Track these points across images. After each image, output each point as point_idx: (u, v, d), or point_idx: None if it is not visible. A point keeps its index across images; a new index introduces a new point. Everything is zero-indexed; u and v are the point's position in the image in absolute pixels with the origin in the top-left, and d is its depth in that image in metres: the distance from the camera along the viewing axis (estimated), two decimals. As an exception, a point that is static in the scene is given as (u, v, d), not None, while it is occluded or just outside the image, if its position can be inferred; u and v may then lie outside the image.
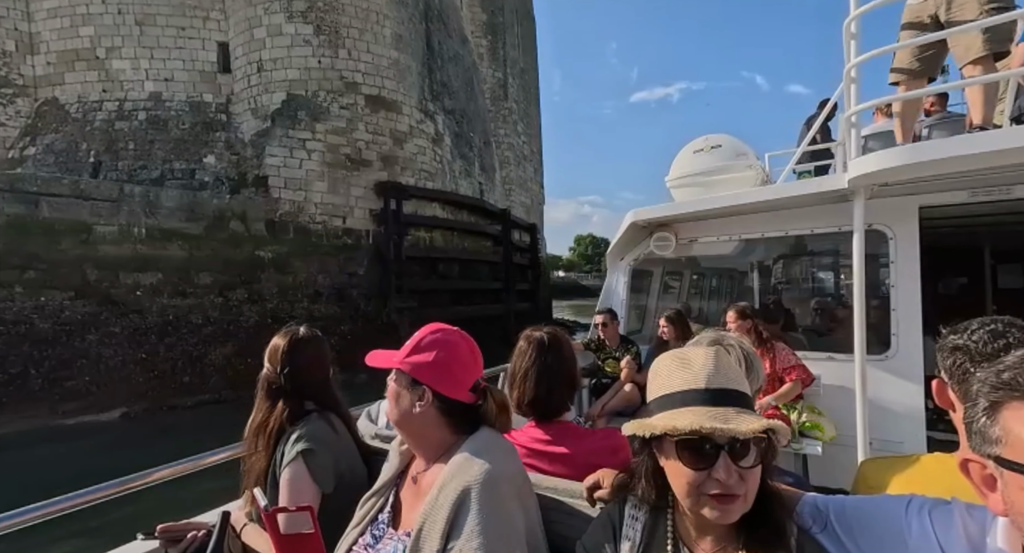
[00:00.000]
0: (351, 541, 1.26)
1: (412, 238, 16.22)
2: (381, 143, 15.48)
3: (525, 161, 26.37)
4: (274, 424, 1.58)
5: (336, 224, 14.46)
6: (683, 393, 0.88)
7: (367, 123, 15.20)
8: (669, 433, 0.84)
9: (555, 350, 1.62)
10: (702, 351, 0.93)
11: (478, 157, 21.20)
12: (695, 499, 0.83)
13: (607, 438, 1.55)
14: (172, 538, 1.47)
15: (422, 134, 16.86)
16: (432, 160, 17.30)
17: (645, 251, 4.67)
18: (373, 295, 14.80)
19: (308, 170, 14.11)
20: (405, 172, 16.13)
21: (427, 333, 1.27)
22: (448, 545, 1.06)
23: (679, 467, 0.84)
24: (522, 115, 26.03)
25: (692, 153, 4.56)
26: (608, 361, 4.28)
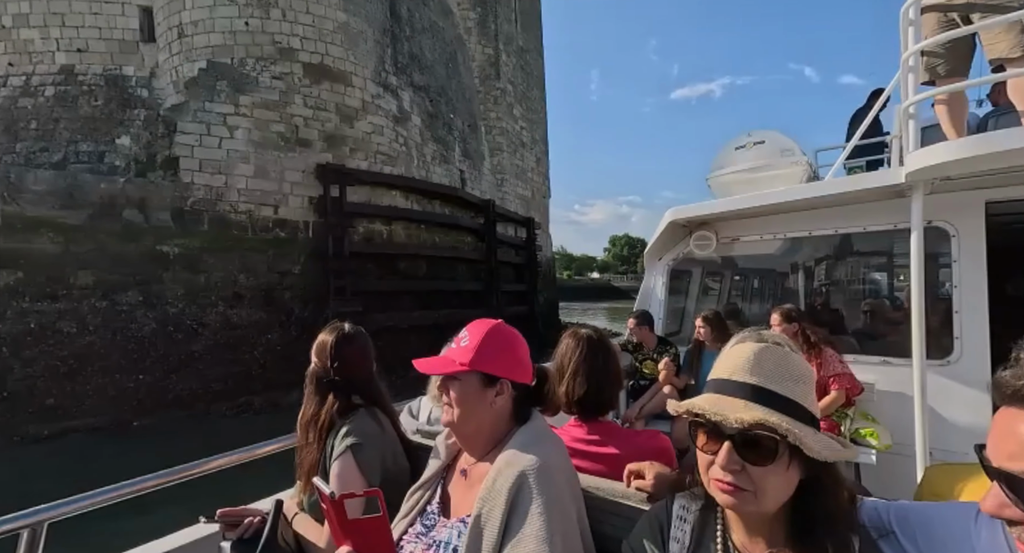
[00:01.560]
0: (401, 531, 1.28)
1: (364, 231, 13.95)
2: (324, 120, 13.25)
3: (524, 149, 23.83)
4: (325, 418, 1.63)
5: (265, 214, 12.29)
6: (714, 380, 0.89)
7: (306, 96, 13.00)
8: (684, 414, 0.87)
9: (603, 348, 1.64)
10: (751, 346, 0.90)
11: (460, 141, 18.80)
12: (707, 481, 0.84)
13: (652, 439, 1.59)
14: (230, 522, 1.53)
15: (379, 111, 14.57)
16: (393, 141, 14.99)
17: (684, 251, 4.49)
18: (311, 298, 12.58)
19: (230, 150, 11.99)
20: (356, 154, 13.87)
21: (480, 331, 1.28)
22: (508, 527, 1.09)
23: (696, 449, 0.86)
24: (520, 98, 23.51)
25: (734, 150, 4.46)
26: (646, 363, 4.16)
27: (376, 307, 13.71)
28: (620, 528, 1.17)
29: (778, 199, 3.55)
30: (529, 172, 24.34)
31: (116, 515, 1.99)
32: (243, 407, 11.06)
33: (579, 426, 1.60)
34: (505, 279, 20.74)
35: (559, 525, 1.07)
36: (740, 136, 4.54)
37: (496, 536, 1.09)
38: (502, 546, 1.08)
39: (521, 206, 23.18)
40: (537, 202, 25.40)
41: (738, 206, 3.79)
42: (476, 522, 1.13)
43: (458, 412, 1.23)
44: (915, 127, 2.66)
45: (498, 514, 1.10)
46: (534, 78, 25.47)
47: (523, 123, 23.85)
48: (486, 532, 1.10)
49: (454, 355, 1.27)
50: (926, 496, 1.19)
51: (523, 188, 23.47)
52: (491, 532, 1.10)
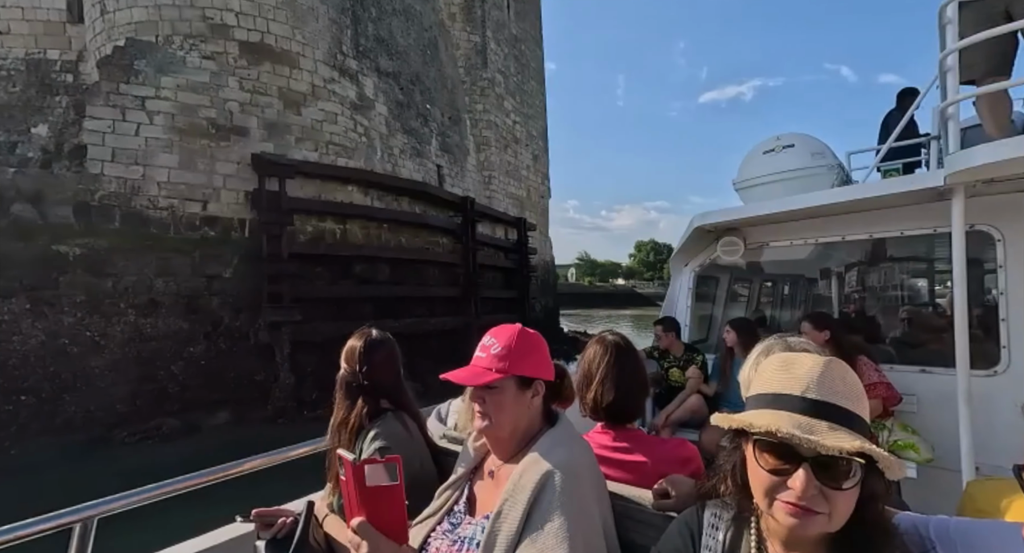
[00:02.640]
0: (429, 528, 1.32)
1: (313, 230, 12.42)
2: (264, 105, 11.80)
3: (518, 145, 22.14)
4: (355, 421, 1.68)
5: (191, 211, 10.85)
6: (776, 395, 0.84)
7: (243, 79, 11.56)
8: (747, 429, 0.82)
9: (630, 354, 1.65)
10: (811, 358, 0.86)
11: (437, 134, 17.22)
12: (768, 502, 0.81)
13: (678, 448, 1.57)
14: (265, 522, 1.57)
15: (333, 97, 13.08)
16: (350, 131, 13.47)
17: (711, 256, 4.35)
18: (245, 306, 11.08)
19: (149, 138, 10.59)
20: (302, 144, 12.37)
21: (508, 336, 1.30)
22: (528, 522, 1.11)
23: (755, 468, 0.82)
24: (513, 90, 21.86)
25: (762, 154, 4.39)
26: (672, 370, 4.03)
27: (324, 315, 12.15)
28: (648, 536, 1.20)
29: (810, 203, 3.45)
30: (524, 170, 22.63)
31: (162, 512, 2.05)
32: (151, 432, 9.55)
33: (605, 433, 1.60)
34: (492, 284, 19.02)
35: (580, 526, 1.09)
36: (768, 140, 4.42)
37: (516, 530, 1.12)
38: (520, 540, 1.11)
39: (513, 206, 21.48)
40: (534, 202, 23.65)
41: (767, 211, 3.66)
42: (498, 515, 1.17)
43: (498, 418, 1.25)
44: (955, 128, 2.66)
45: (520, 509, 1.13)
46: (530, 70, 23.81)
47: (516, 117, 22.18)
48: (506, 526, 1.14)
49: (485, 363, 1.27)
50: (968, 512, 1.13)
51: (516, 187, 21.77)
52: (511, 526, 1.13)
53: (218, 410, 10.62)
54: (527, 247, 20.37)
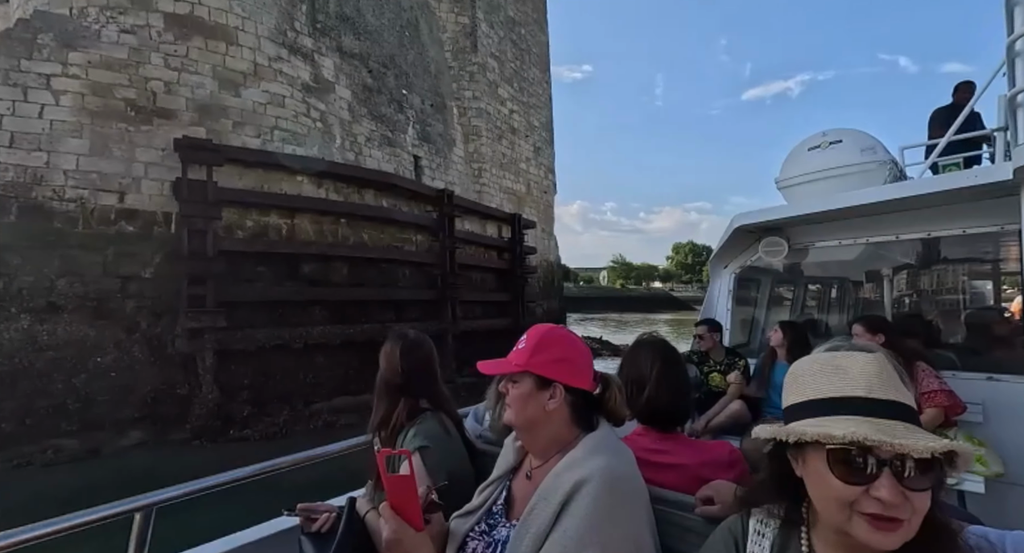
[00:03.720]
0: (468, 528, 1.32)
1: (254, 225, 11.09)
2: (195, 85, 10.52)
3: (515, 135, 20.48)
4: (396, 421, 1.69)
5: (106, 203, 9.63)
6: (836, 400, 0.78)
7: (169, 55, 10.31)
8: (822, 440, 0.75)
9: (678, 357, 1.64)
10: (860, 356, 0.82)
11: (416, 122, 15.74)
12: (845, 516, 0.74)
13: (721, 450, 1.54)
14: (309, 516, 1.65)
15: (280, 77, 11.74)
16: (302, 116, 12.11)
17: (752, 258, 4.24)
18: (167, 310, 9.80)
19: (54, 121, 9.42)
20: (241, 129, 11.06)
21: (536, 335, 1.30)
22: (556, 526, 1.08)
23: (828, 480, 0.75)
24: (509, 77, 20.23)
25: (806, 151, 4.27)
26: (712, 375, 3.94)
27: (265, 320, 10.78)
28: (689, 542, 1.19)
29: (862, 200, 3.29)
30: (522, 163, 20.96)
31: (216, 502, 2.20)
32: (36, 456, 8.31)
33: (646, 435, 1.58)
34: (481, 286, 17.41)
35: (611, 538, 1.06)
36: (814, 136, 4.30)
37: (542, 534, 1.10)
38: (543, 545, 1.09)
39: (509, 201, 19.82)
40: (535, 198, 21.93)
41: (814, 209, 3.50)
42: (526, 518, 1.16)
43: (514, 412, 1.26)
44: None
45: (549, 512, 1.11)
46: (532, 56, 22.14)
47: (514, 106, 20.54)
48: (533, 527, 1.12)
49: (513, 357, 1.29)
50: None
51: (512, 180, 20.11)
52: (538, 530, 1.11)
53: (129, 429, 9.34)
54: (523, 245, 18.68)
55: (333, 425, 10.77)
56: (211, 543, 1.88)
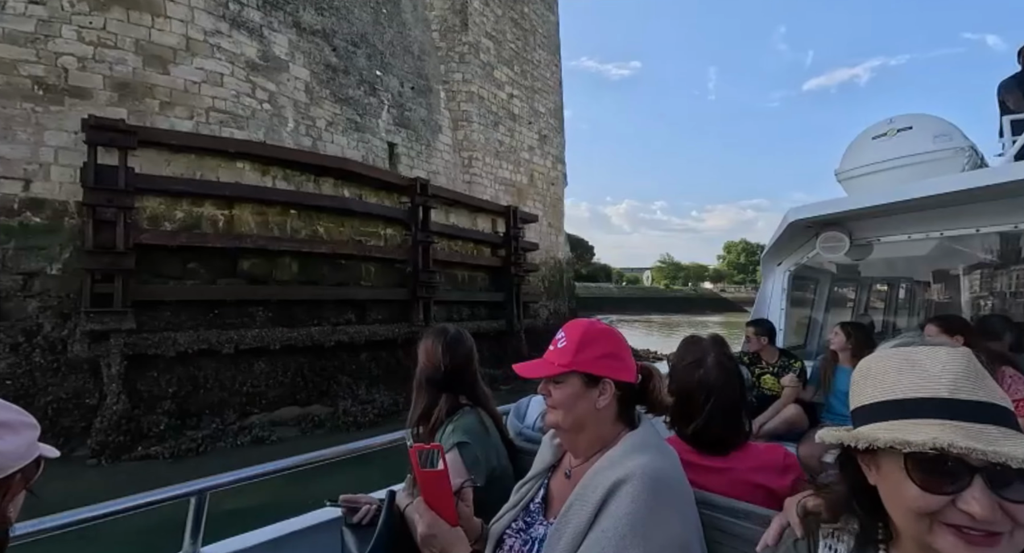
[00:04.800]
0: (505, 524, 1.30)
1: (184, 216, 10.01)
2: (115, 61, 9.51)
3: (515, 122, 18.90)
4: (437, 415, 1.70)
5: (9, 191, 8.72)
6: (915, 401, 0.69)
7: (83, 28, 9.33)
8: (898, 447, 0.66)
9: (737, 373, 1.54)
10: (942, 351, 0.72)
11: (392, 106, 14.43)
12: (925, 527, 0.66)
13: (772, 454, 1.46)
14: (351, 507, 1.74)
15: (218, 54, 10.63)
16: (246, 96, 10.98)
17: (809, 254, 4.00)
18: (75, 311, 8.81)
19: (-51, 102, 8.57)
20: (170, 110, 10.00)
21: (576, 331, 1.25)
22: (594, 525, 1.05)
23: (905, 487, 0.67)
24: (508, 59, 18.66)
25: (871, 140, 4.09)
26: (764, 377, 3.74)
27: (196, 322, 9.68)
28: (737, 550, 1.15)
29: (938, 190, 3.01)
30: (524, 152, 19.35)
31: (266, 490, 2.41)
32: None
33: None
34: (469, 285, 15.95)
35: (652, 540, 1.01)
36: (879, 123, 4.11)
37: (579, 533, 1.07)
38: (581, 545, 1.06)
39: (507, 193, 18.28)
40: (540, 190, 20.29)
41: (881, 201, 3.29)
42: (564, 517, 1.12)
43: (561, 414, 1.22)
44: None
45: (587, 511, 1.08)
46: (537, 37, 20.49)
47: (514, 90, 18.95)
48: (571, 526, 1.09)
49: (553, 357, 1.24)
50: None
51: (511, 171, 18.55)
52: (575, 529, 1.08)
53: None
54: (519, 241, 17.11)
55: (263, 441, 9.57)
56: (260, 530, 1.95)
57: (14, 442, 0.76)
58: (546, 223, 20.42)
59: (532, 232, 19.40)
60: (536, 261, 19.51)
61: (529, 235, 19.20)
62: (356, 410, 10.90)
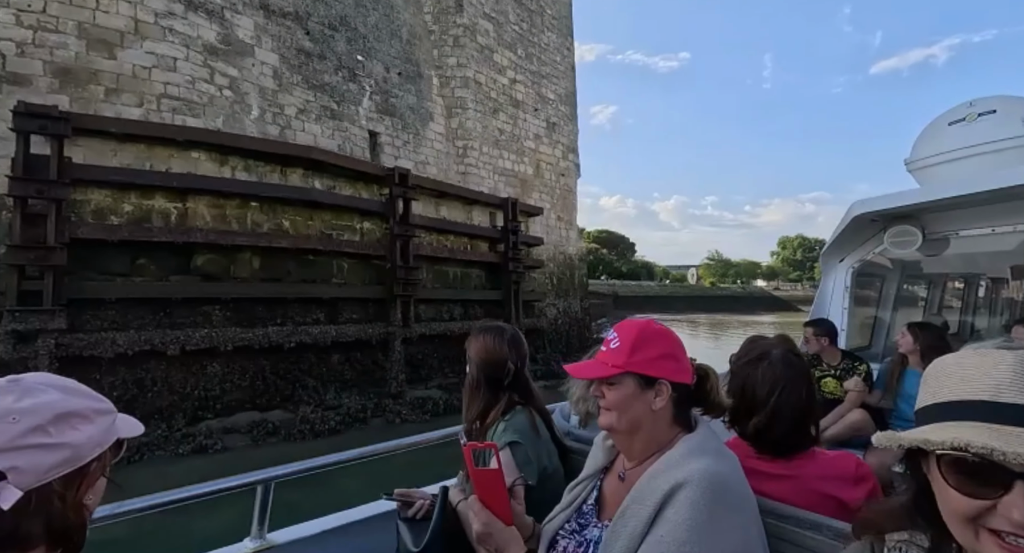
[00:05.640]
0: (558, 525, 1.29)
1: (133, 209, 9.48)
2: (56, 46, 9.02)
3: (518, 109, 17.80)
4: (495, 414, 1.70)
5: (-60, 183, 8.35)
6: (958, 404, 0.69)
7: (23, 12, 8.86)
8: (923, 446, 0.67)
9: (806, 373, 1.46)
10: (993, 354, 0.70)
11: (375, 93, 13.62)
12: (971, 534, 0.66)
13: (844, 462, 1.37)
14: (405, 501, 1.75)
15: (171, 37, 10.03)
16: (200, 82, 10.35)
17: (876, 249, 3.84)
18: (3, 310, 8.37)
19: None
20: (117, 96, 9.46)
21: (630, 332, 1.23)
22: (651, 530, 1.03)
23: (946, 492, 0.68)
24: (510, 42, 17.55)
25: (947, 126, 3.79)
26: (825, 380, 3.55)
27: (143, 321, 9.14)
28: None
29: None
30: (529, 141, 18.22)
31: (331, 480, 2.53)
32: None
33: None
34: (463, 283, 15.05)
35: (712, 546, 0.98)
36: (957, 108, 3.82)
37: (637, 535, 1.04)
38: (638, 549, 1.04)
39: (509, 184, 17.23)
40: (547, 181, 19.13)
41: (961, 192, 3.01)
42: (619, 520, 1.10)
43: (615, 416, 1.20)
44: None
45: (644, 515, 1.05)
46: (545, 18, 19.28)
47: (518, 75, 17.83)
48: (627, 530, 1.07)
49: (606, 357, 1.23)
50: None
51: (513, 161, 17.47)
52: (632, 531, 1.06)
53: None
54: (518, 235, 16.04)
55: (205, 449, 8.93)
56: (322, 519, 2.03)
57: (88, 432, 0.75)
58: (554, 216, 19.26)
59: (538, 226, 18.30)
60: (543, 257, 18.40)
61: (534, 229, 18.12)
62: (315, 417, 10.15)
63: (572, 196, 20.61)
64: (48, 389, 0.76)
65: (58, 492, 0.71)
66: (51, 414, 0.72)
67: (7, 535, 0.66)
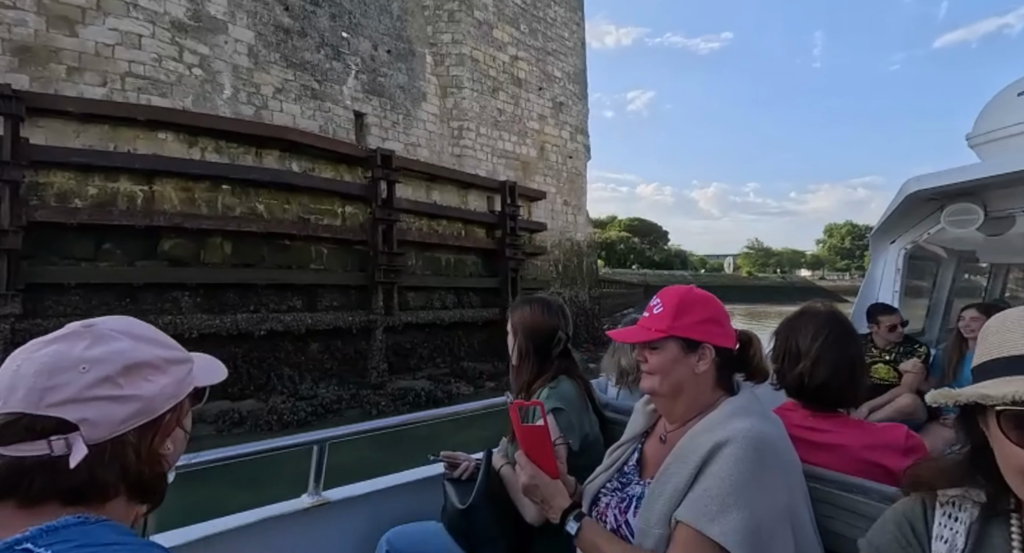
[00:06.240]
0: (600, 484, 1.32)
1: (98, 192, 9.25)
2: (14, 23, 8.76)
3: (520, 88, 17.00)
4: (542, 383, 1.72)
5: (-99, 166, 8.23)
6: (1018, 358, 0.69)
7: (-23, -12, 8.63)
8: (981, 401, 0.68)
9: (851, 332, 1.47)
10: None
11: (361, 72, 13.08)
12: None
13: (892, 432, 1.36)
14: (451, 463, 1.88)
15: (135, 13, 9.68)
16: (168, 60, 10.00)
17: (932, 229, 3.54)
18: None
19: None
20: (80, 76, 9.19)
21: (673, 297, 1.24)
22: (694, 485, 1.05)
23: (1004, 446, 0.68)
24: (512, 17, 16.69)
25: (1016, 96, 3.54)
26: (877, 365, 3.34)
27: (97, 308, 8.92)
28: (852, 526, 1.12)
29: None
30: (532, 121, 17.43)
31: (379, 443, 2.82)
32: None
33: (796, 410, 1.41)
34: (457, 269, 14.52)
35: (757, 502, 0.99)
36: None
37: (680, 490, 1.06)
38: (680, 502, 1.05)
39: (509, 167, 16.52)
40: (552, 164, 18.33)
41: None
42: (662, 473, 1.12)
43: (658, 380, 1.21)
44: None
45: (686, 472, 1.07)
46: (552, -5, 18.34)
47: (520, 52, 17.01)
48: (669, 485, 1.09)
49: (649, 323, 1.24)
50: None
51: (514, 142, 16.74)
52: (675, 486, 1.07)
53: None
54: (516, 220, 15.36)
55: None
56: (374, 480, 2.13)
57: (160, 383, 0.74)
58: (560, 201, 18.48)
59: (542, 211, 17.58)
60: (547, 243, 17.70)
61: (538, 214, 17.41)
62: (285, 407, 9.82)
63: (581, 180, 19.75)
64: (120, 337, 0.74)
65: (132, 443, 0.70)
66: (121, 365, 0.71)
67: (83, 484, 0.66)
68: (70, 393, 0.66)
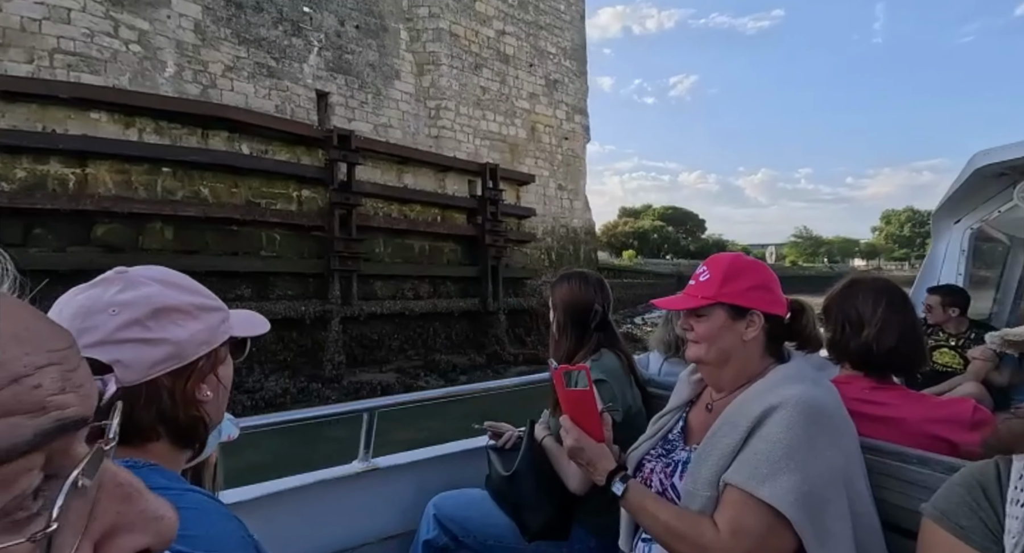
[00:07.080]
0: (644, 451, 1.32)
1: (26, 175, 8.89)
2: (-69, 0, 8.43)
3: (507, 65, 16.01)
4: (582, 356, 1.74)
5: None
6: None
7: None
8: None
9: (905, 300, 1.40)
10: None
11: (325, 48, 12.40)
12: None
13: (958, 405, 1.30)
14: (495, 433, 2.00)
15: (64, -14, 9.22)
16: (100, 35, 9.53)
17: (1002, 207, 3.32)
18: None
19: None
20: (4, 52, 8.80)
21: (720, 264, 1.23)
22: (744, 450, 1.04)
23: None
24: (500, -11, 15.72)
25: None
26: (941, 349, 3.22)
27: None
28: (910, 497, 1.09)
29: None
30: (522, 100, 16.44)
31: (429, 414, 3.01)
32: None
33: (852, 382, 1.33)
34: (433, 258, 13.79)
35: (808, 467, 0.98)
36: None
37: (728, 453, 1.05)
38: (730, 465, 1.04)
39: (494, 149, 15.62)
40: (544, 146, 17.32)
41: None
42: (710, 438, 1.11)
43: (704, 348, 1.19)
44: None
45: (736, 435, 1.06)
46: (545, -36, 17.18)
47: (507, 26, 16.00)
48: (718, 449, 1.07)
49: (695, 291, 1.22)
50: None
51: (500, 123, 15.81)
52: (724, 449, 1.06)
53: None
54: (498, 205, 14.48)
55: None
56: (423, 449, 2.22)
57: (191, 328, 0.73)
58: (554, 185, 17.48)
59: (533, 195, 16.64)
60: (539, 230, 16.77)
61: (528, 199, 16.49)
62: (223, 400, 9.30)
63: (579, 162, 18.66)
64: (150, 282, 0.74)
65: (167, 387, 0.71)
66: (148, 308, 0.71)
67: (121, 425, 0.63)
68: (101, 335, 0.67)
